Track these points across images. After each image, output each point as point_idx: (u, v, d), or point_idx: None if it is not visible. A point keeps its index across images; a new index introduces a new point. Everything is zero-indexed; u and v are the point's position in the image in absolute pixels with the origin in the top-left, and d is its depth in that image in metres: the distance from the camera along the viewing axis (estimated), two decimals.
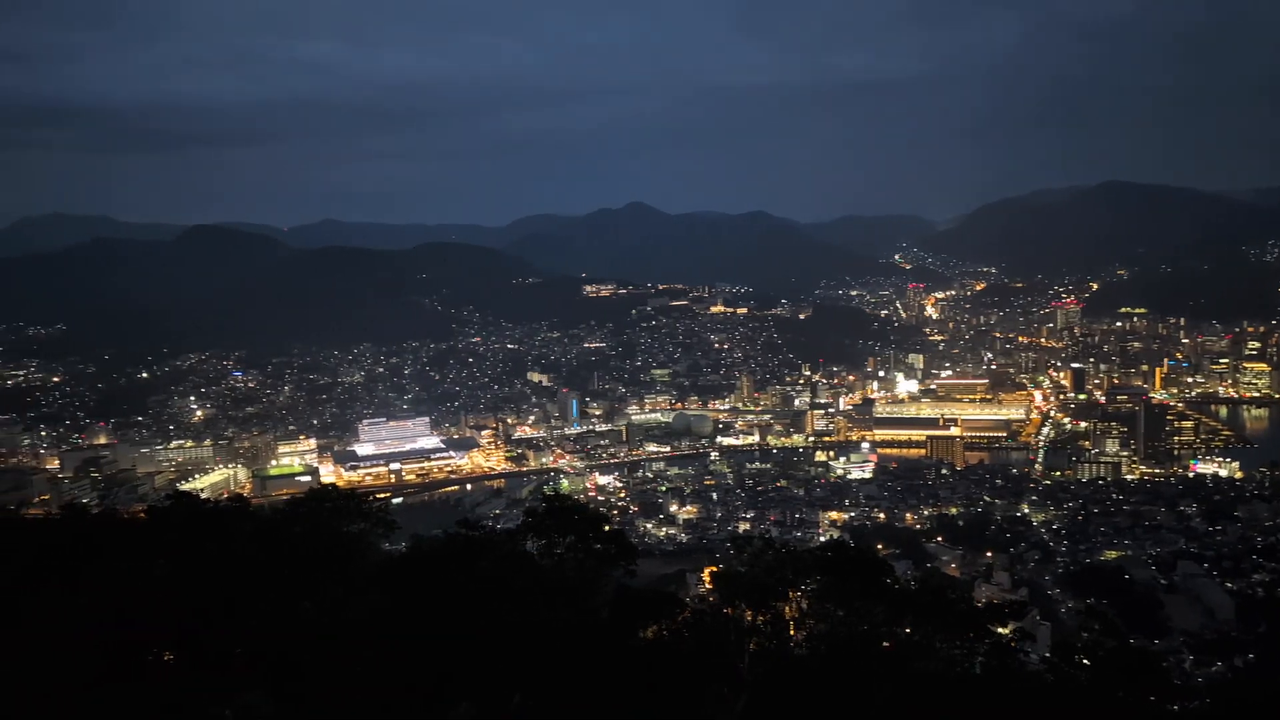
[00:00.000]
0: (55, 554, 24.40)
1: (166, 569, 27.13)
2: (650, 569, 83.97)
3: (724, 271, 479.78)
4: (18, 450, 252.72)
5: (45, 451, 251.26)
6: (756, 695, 26.73)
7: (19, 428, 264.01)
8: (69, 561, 24.14)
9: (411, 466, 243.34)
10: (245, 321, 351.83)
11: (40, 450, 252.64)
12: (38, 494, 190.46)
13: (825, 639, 30.76)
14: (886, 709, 25.85)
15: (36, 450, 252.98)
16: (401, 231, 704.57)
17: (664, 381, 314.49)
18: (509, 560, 30.69)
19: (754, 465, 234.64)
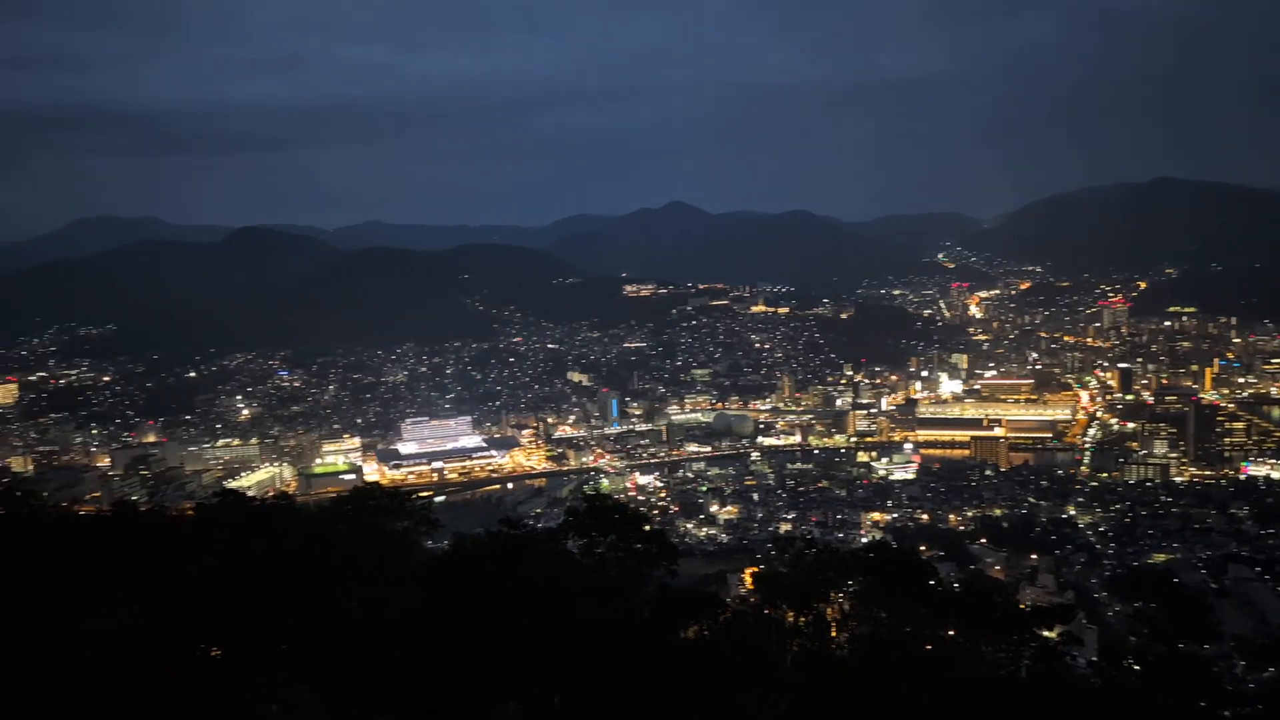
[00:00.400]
0: (107, 551, 24.89)
1: (214, 565, 27.57)
2: (691, 569, 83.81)
3: (765, 271, 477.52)
4: (70, 448, 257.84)
5: (96, 449, 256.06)
6: (798, 697, 26.60)
7: (71, 426, 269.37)
8: (120, 558, 24.60)
9: (454, 465, 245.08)
10: (290, 322, 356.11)
11: (91, 448, 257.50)
12: (89, 491, 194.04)
13: (868, 641, 30.56)
14: (930, 712, 25.62)
15: (88, 448, 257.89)
16: (444, 232, 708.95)
17: (704, 381, 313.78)
18: (550, 559, 30.82)
19: (795, 465, 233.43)
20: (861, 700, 26.50)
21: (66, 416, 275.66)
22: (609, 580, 30.65)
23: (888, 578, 31.83)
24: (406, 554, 32.39)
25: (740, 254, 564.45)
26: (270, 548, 28.25)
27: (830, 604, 32.31)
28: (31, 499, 29.79)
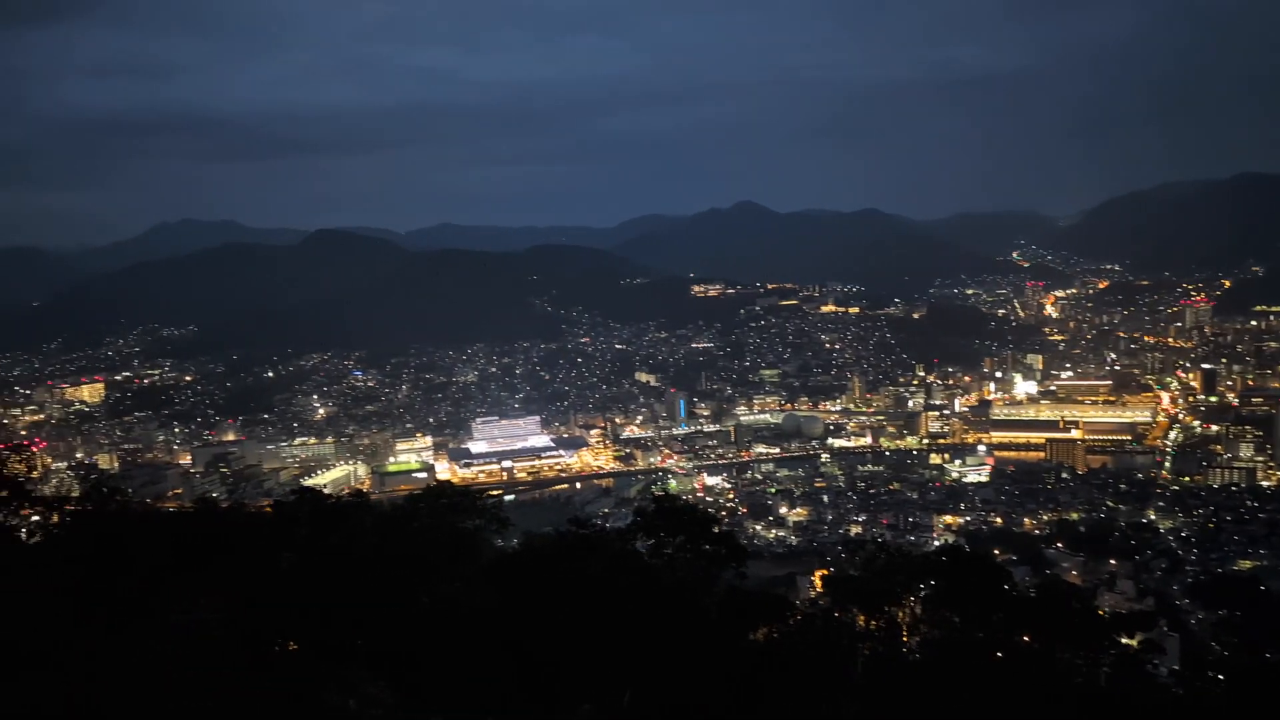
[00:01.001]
0: (191, 546, 25.60)
1: (292, 562, 28.19)
2: (760, 571, 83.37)
3: (835, 270, 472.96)
4: (153, 446, 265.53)
5: (178, 447, 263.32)
6: (869, 701, 26.35)
7: (154, 424, 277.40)
8: (203, 554, 25.29)
9: (523, 464, 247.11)
10: (365, 322, 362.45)
11: (174, 446, 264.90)
12: (171, 488, 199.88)
13: (940, 646, 30.14)
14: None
15: (170, 446, 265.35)
16: (514, 233, 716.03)
17: (773, 382, 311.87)
18: (619, 560, 30.92)
19: (866, 467, 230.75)
20: (933, 706, 26.14)
21: (150, 415, 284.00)
22: (678, 581, 30.67)
23: (961, 582, 31.37)
24: (477, 552, 32.73)
25: (810, 253, 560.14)
26: (345, 544, 28.79)
27: (902, 608, 31.94)
28: (117, 495, 30.69)
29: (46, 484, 34.12)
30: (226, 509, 33.07)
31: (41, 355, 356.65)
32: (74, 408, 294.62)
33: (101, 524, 27.15)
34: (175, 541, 26.23)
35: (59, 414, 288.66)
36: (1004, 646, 29.85)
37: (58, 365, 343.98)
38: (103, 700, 12.38)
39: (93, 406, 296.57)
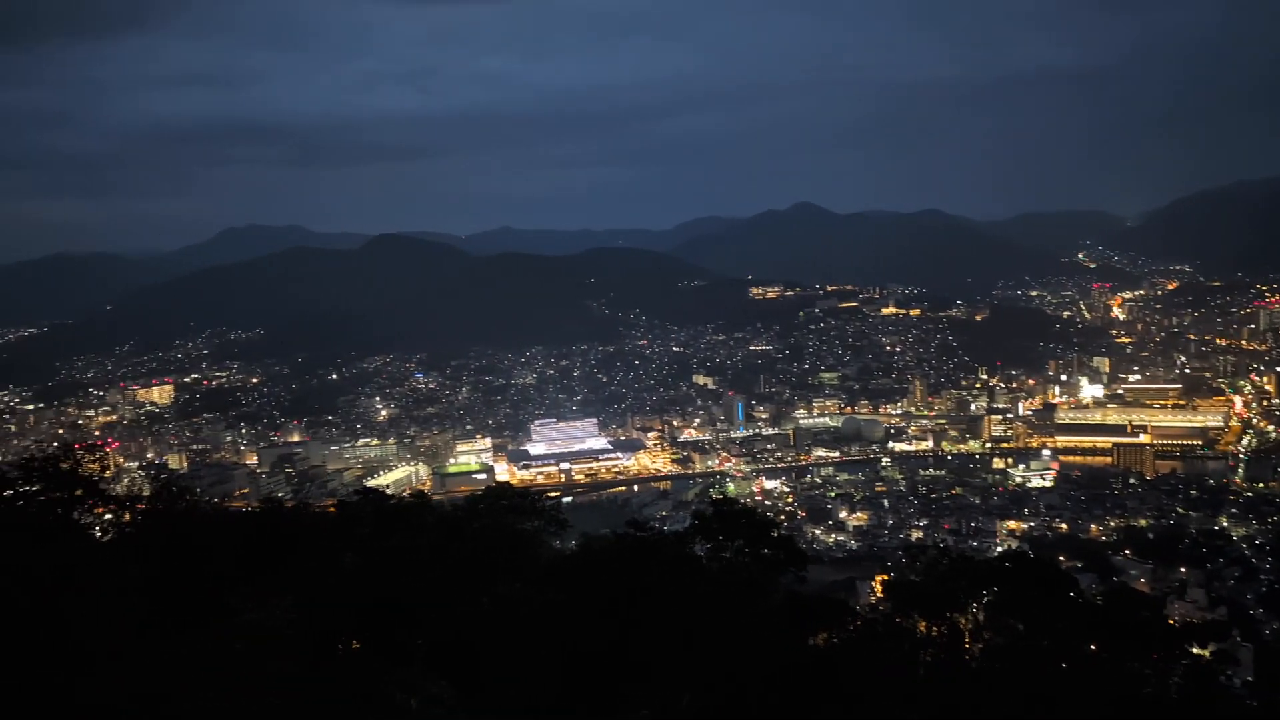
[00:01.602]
0: (258, 546, 26.12)
1: (355, 562, 28.60)
2: (819, 576, 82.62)
3: (895, 272, 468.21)
4: (221, 446, 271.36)
5: (245, 448, 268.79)
6: (931, 709, 26.00)
7: (222, 425, 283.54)
8: (270, 553, 25.78)
9: (580, 466, 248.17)
10: (426, 325, 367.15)
11: (240, 446, 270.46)
12: (238, 488, 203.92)
13: (1004, 653, 29.65)
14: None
15: (237, 446, 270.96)
16: (572, 236, 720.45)
17: (833, 385, 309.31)
18: (678, 563, 30.88)
19: (927, 472, 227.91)
20: (997, 715, 25.71)
21: (218, 416, 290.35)
22: (736, 585, 30.54)
23: (1025, 588, 30.84)
24: (536, 553, 32.95)
25: (870, 255, 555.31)
26: (407, 544, 29.13)
27: (964, 614, 31.49)
28: (186, 495, 31.39)
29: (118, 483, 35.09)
30: (291, 509, 33.63)
31: (114, 357, 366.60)
32: (145, 409, 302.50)
33: (172, 523, 27.79)
34: (243, 541, 26.78)
35: (131, 415, 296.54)
36: (1070, 655, 29.27)
37: (129, 367, 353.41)
38: (174, 698, 12.66)
39: (163, 408, 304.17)
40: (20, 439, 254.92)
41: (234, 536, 26.98)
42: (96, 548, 27.47)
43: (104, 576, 16.74)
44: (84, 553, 23.98)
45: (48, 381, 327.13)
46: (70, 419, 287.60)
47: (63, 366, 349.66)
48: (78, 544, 26.03)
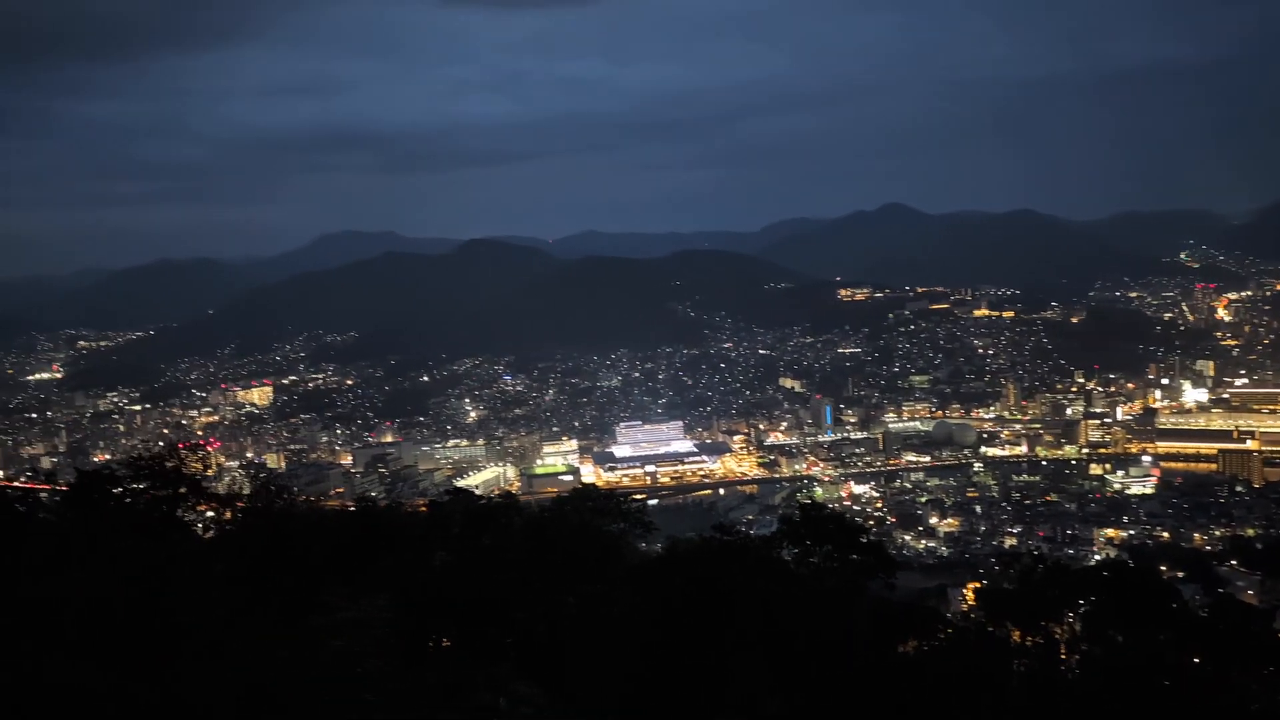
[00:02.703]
0: (351, 544, 26.78)
1: (445, 560, 29.12)
2: (909, 582, 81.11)
3: (988, 273, 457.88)
4: (317, 446, 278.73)
5: (340, 448, 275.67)
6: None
7: (318, 426, 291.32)
8: (365, 550, 26.41)
9: (666, 469, 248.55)
10: (514, 328, 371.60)
11: (336, 447, 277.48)
12: (333, 487, 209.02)
13: (1102, 665, 28.81)
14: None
15: (333, 446, 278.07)
16: (657, 239, 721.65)
17: (923, 388, 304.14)
18: (764, 567, 30.72)
19: (1021, 477, 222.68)
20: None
21: (314, 417, 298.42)
22: (824, 591, 30.25)
23: (1124, 598, 29.93)
24: (622, 555, 33.08)
25: (961, 256, 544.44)
26: (495, 544, 29.55)
27: (1060, 624, 30.70)
28: (284, 494, 32.35)
29: (220, 482, 36.33)
30: (384, 508, 34.42)
31: (216, 360, 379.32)
32: (245, 410, 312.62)
33: (270, 521, 28.66)
34: (338, 539, 27.48)
35: (231, 415, 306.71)
36: (1172, 668, 28.28)
37: (230, 369, 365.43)
38: (274, 690, 13.05)
39: (262, 409, 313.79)
40: (128, 438, 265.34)
41: (330, 535, 27.71)
42: (199, 544, 28.47)
43: (206, 572, 17.35)
44: (188, 548, 24.86)
45: (154, 383, 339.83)
46: (174, 419, 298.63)
47: (168, 369, 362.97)
48: (182, 540, 27.00)
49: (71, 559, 18.15)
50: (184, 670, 13.70)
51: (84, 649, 13.55)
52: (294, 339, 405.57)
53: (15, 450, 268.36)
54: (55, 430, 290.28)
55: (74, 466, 36.77)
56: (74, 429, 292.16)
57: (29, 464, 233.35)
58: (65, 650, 12.96)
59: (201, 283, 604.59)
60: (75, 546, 20.69)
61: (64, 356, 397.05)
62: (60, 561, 16.75)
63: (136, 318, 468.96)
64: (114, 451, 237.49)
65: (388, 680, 13.70)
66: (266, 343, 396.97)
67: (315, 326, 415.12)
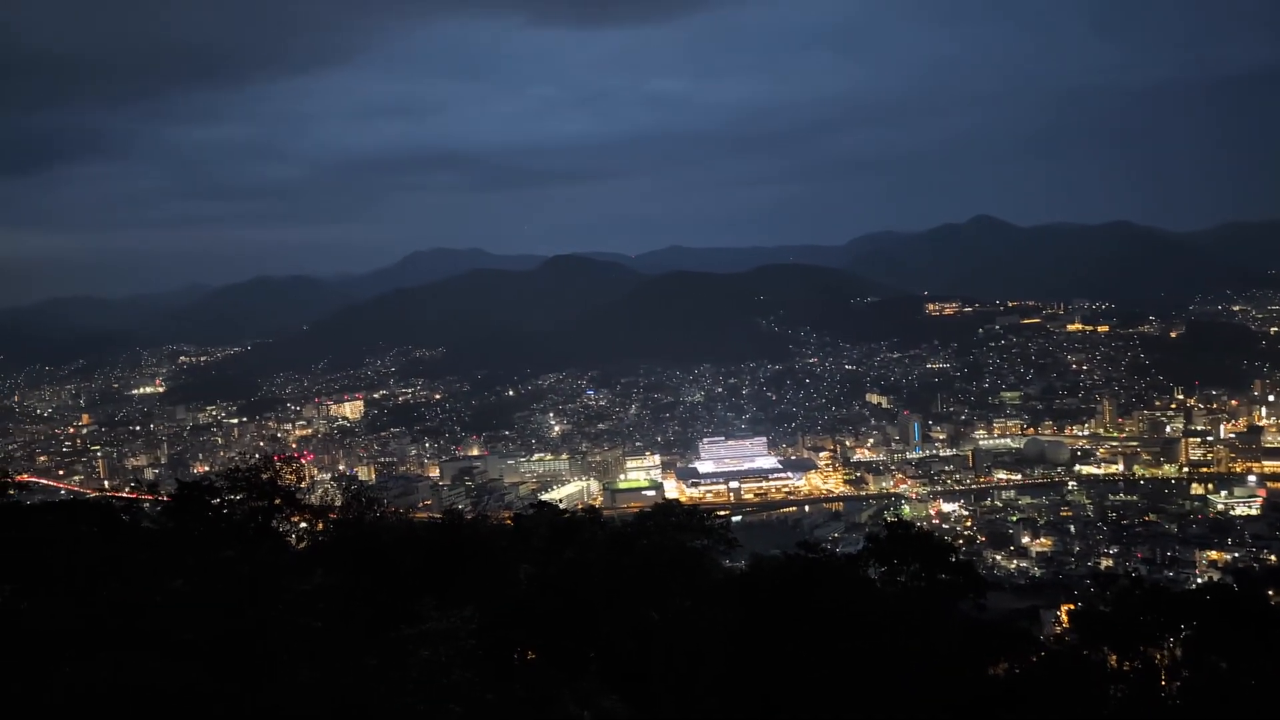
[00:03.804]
0: (439, 556, 27.24)
1: (530, 573, 29.40)
2: (999, 603, 79.17)
3: (1082, 286, 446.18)
4: (406, 459, 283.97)
5: (428, 461, 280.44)
6: None
7: (407, 439, 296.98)
8: (451, 563, 26.83)
9: (750, 485, 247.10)
10: (597, 343, 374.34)
11: (424, 460, 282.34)
12: (422, 499, 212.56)
13: (1205, 693, 27.74)
14: None
15: (421, 459, 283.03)
16: (741, 254, 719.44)
17: (1014, 405, 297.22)
18: (850, 585, 30.36)
19: (1118, 496, 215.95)
20: None
21: (403, 430, 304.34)
22: (912, 610, 29.75)
23: (1229, 624, 28.79)
24: (705, 571, 32.98)
25: (1054, 269, 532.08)
26: (579, 558, 29.72)
27: (1160, 649, 29.67)
28: (375, 505, 33.04)
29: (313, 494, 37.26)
30: (471, 521, 34.86)
31: (310, 374, 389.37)
32: (337, 423, 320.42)
33: (361, 532, 29.30)
34: (426, 551, 27.96)
35: (324, 429, 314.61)
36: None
37: (324, 384, 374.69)
38: (367, 700, 13.36)
39: (354, 422, 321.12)
40: (226, 450, 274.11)
41: (418, 546, 28.20)
42: (293, 554, 29.23)
43: (304, 581, 17.85)
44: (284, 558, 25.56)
45: (250, 397, 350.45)
46: (270, 432, 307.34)
47: (264, 383, 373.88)
48: (277, 550, 27.76)
49: (175, 567, 18.85)
50: (280, 677, 14.10)
51: (187, 654, 14.05)
52: (385, 354, 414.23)
53: (120, 462, 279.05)
54: (157, 442, 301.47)
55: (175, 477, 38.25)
56: (175, 441, 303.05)
57: (133, 475, 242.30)
58: (170, 654, 13.46)
59: (297, 299, 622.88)
60: (178, 555, 21.47)
61: (166, 371, 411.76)
62: (164, 569, 17.42)
63: (235, 333, 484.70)
64: (212, 463, 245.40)
65: (475, 691, 13.92)
66: (358, 358, 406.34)
67: (405, 342, 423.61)
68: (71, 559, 20.35)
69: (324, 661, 14.54)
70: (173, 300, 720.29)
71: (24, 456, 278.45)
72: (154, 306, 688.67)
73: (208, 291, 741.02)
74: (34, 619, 14.37)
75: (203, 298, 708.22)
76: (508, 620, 23.67)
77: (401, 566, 25.75)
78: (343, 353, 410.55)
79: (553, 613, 25.79)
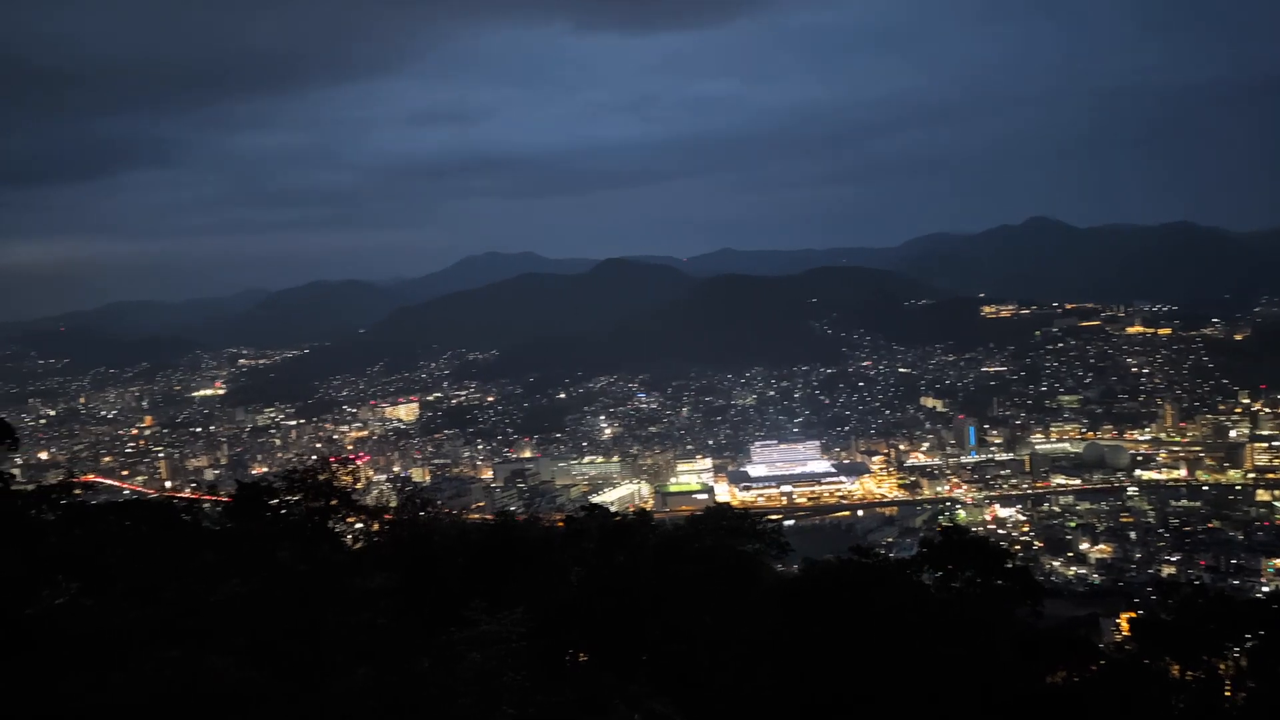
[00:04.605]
0: (492, 557, 27.45)
1: (581, 576, 29.50)
2: (1057, 610, 77.79)
3: (1142, 288, 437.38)
4: (460, 461, 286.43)
5: (481, 463, 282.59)
6: None
7: (461, 441, 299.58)
8: (503, 564, 27.02)
9: (802, 490, 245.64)
10: (648, 346, 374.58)
11: (477, 462, 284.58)
12: (475, 501, 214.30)
13: (1272, 705, 27.03)
14: None
15: (474, 461, 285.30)
16: (793, 256, 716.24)
17: (1072, 408, 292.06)
18: (904, 591, 30.02)
19: (1180, 503, 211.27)
20: None
21: (457, 433, 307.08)
22: (967, 617, 29.34)
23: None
24: (757, 575, 32.84)
25: (1113, 270, 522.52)
26: (630, 562, 29.75)
27: (1224, 659, 28.96)
28: (429, 507, 33.42)
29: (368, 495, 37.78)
30: (523, 523, 35.08)
31: (366, 377, 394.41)
32: (392, 425, 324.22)
33: (415, 533, 29.62)
34: (479, 552, 28.19)
35: (379, 431, 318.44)
36: None
37: (379, 386, 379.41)
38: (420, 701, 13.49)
39: (408, 424, 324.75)
40: (284, 452, 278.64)
41: (471, 548, 28.44)
42: (349, 554, 29.61)
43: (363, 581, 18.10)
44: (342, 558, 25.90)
45: (307, 399, 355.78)
46: (327, 434, 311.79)
47: (321, 385, 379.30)
48: (334, 550, 28.14)
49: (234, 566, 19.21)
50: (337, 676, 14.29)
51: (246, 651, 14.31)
52: (439, 357, 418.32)
53: (181, 463, 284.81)
54: (218, 444, 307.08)
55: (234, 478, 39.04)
56: (234, 442, 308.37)
57: (193, 476, 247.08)
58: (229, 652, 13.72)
59: (352, 303, 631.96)
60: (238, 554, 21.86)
61: (226, 373, 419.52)
62: (224, 568, 17.77)
63: (293, 336, 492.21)
64: (271, 464, 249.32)
65: (526, 694, 13.98)
66: (413, 361, 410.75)
67: (458, 345, 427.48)
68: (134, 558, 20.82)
69: (381, 661, 14.72)
70: (232, 304, 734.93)
71: (89, 457, 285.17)
72: (214, 310, 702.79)
73: (266, 295, 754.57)
74: (98, 616, 14.72)
75: (262, 302, 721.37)
76: (559, 622, 23.75)
77: (454, 567, 25.98)
78: (397, 356, 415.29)
79: (604, 615, 25.84)
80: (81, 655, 14.00)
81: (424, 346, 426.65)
